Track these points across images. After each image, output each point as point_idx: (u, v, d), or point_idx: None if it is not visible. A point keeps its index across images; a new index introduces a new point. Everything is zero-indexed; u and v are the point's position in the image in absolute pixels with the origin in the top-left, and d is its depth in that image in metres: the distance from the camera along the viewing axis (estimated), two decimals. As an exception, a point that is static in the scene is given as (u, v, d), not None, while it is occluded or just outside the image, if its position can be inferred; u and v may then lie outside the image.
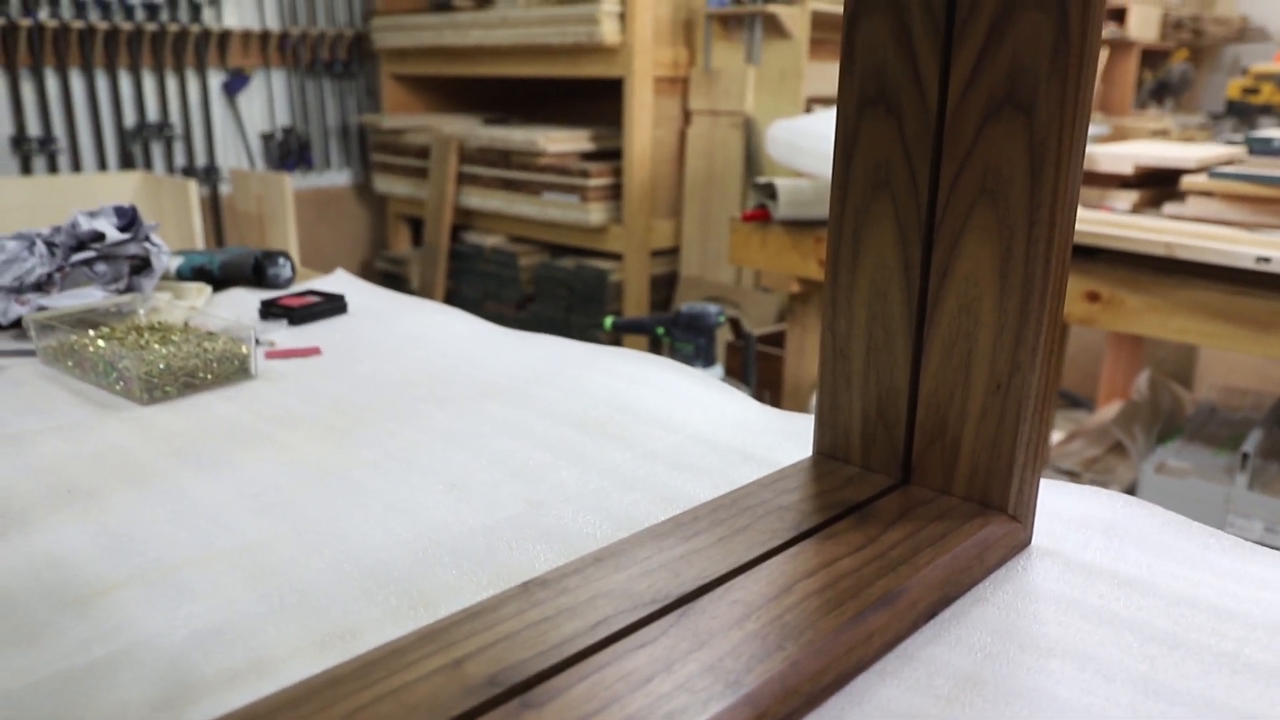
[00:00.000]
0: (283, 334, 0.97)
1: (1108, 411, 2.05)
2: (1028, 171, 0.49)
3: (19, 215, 2.68)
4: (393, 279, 3.77)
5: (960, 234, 0.52)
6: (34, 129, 3.10)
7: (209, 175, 3.48)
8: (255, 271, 1.15)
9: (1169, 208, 1.74)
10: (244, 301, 1.09)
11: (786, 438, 0.69)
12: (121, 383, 0.78)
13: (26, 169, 3.10)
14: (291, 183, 3.12)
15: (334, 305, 1.05)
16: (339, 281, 1.18)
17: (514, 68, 3.15)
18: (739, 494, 0.55)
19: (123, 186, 2.82)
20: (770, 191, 1.90)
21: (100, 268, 0.98)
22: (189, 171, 3.44)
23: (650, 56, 2.81)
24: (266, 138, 3.65)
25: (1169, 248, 1.33)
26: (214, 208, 3.47)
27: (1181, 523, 0.56)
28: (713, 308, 1.72)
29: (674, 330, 1.73)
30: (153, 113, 3.34)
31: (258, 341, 0.88)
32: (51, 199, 2.71)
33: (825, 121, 2.02)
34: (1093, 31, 0.47)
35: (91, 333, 0.86)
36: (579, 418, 0.72)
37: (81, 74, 3.15)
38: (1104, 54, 7.66)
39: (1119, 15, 7.82)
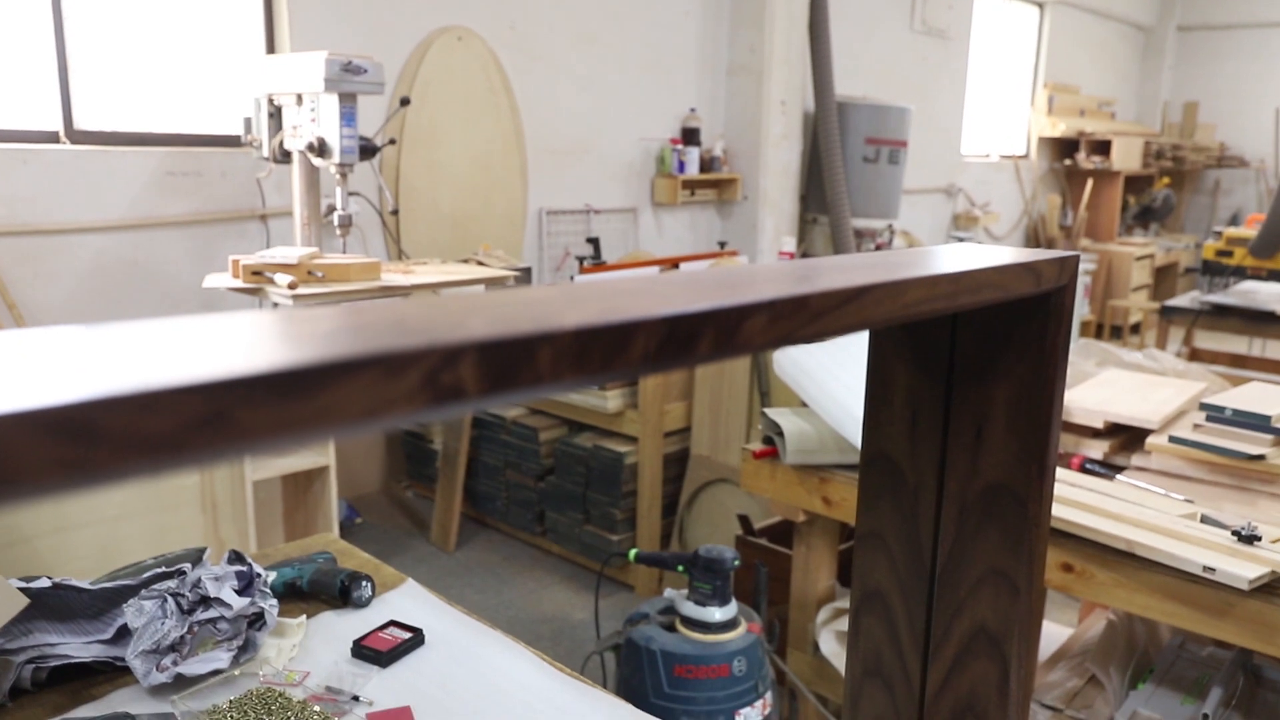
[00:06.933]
0: (374, 684, 1.16)
1: (1090, 624, 2.22)
2: (984, 764, 0.68)
3: None
4: (416, 436, 3.97)
5: (937, 788, 0.70)
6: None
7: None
8: (341, 594, 1.34)
9: (1137, 458, 1.95)
10: (335, 633, 1.27)
11: None
12: (265, 780, 0.96)
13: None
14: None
15: (414, 640, 1.24)
16: (411, 596, 1.37)
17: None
18: None
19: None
20: (778, 430, 2.10)
21: (222, 625, 1.17)
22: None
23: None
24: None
25: (1129, 544, 1.52)
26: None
27: None
28: (729, 553, 1.91)
29: (693, 570, 1.91)
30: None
31: (356, 698, 1.07)
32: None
33: (819, 356, 2.23)
34: (1025, 683, 0.66)
35: (225, 705, 1.05)
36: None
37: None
38: (1089, 183, 8.01)
39: (1104, 148, 8.20)
